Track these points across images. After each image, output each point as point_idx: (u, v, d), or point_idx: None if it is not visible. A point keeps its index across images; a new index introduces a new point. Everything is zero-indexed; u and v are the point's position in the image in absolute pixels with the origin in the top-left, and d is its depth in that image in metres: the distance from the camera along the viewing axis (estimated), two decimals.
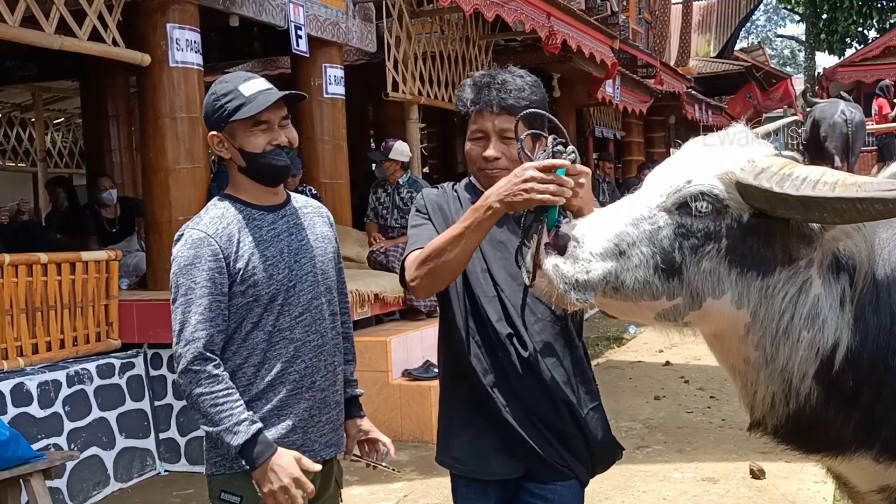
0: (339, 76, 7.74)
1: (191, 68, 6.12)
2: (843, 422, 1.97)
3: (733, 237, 1.90)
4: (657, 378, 7.74)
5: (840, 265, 1.94)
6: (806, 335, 1.91)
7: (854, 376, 1.93)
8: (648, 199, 1.95)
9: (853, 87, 16.26)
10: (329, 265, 2.59)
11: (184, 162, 6.08)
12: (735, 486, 4.92)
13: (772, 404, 2.00)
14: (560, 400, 2.34)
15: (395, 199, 7.40)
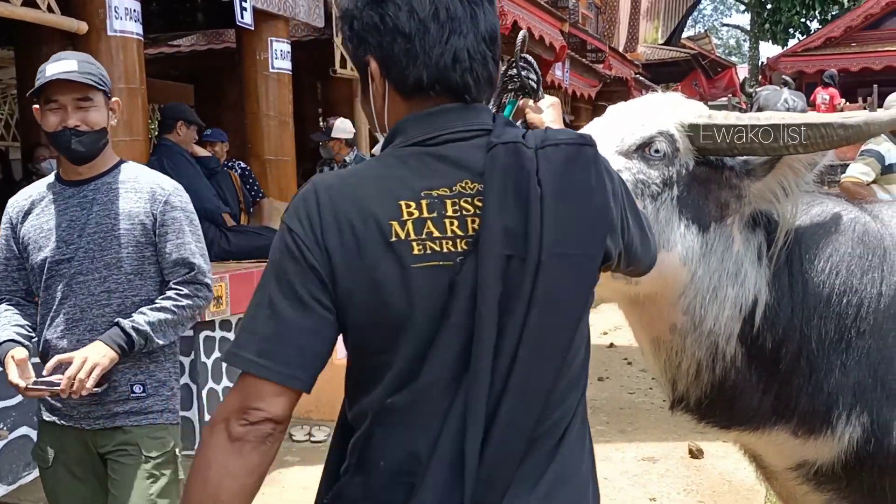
0: (286, 51, 7.59)
1: (130, 38, 5.93)
2: (765, 390, 1.98)
3: (682, 186, 1.91)
4: (601, 360, 7.81)
5: (756, 220, 1.96)
6: (731, 292, 1.92)
7: (772, 337, 1.95)
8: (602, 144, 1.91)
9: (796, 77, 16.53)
10: (114, 241, 2.56)
11: (122, 134, 5.88)
12: (674, 466, 4.98)
13: (697, 373, 1.99)
14: None
15: None
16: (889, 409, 1.91)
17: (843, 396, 1.94)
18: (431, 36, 1.38)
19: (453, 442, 1.32)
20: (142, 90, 6.03)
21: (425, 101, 1.42)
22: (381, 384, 1.37)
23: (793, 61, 19.36)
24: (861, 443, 1.93)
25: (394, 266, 1.32)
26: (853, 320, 1.95)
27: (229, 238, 6.08)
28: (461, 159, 1.37)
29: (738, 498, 4.49)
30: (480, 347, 1.31)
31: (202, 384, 5.40)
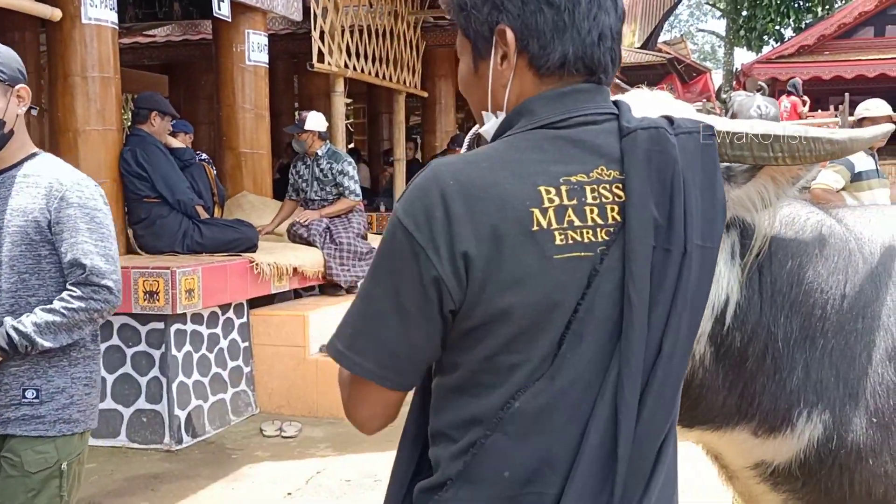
0: (263, 43, 7.53)
1: (105, 26, 5.86)
2: (730, 389, 1.99)
3: None
4: None
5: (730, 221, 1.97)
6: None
7: (741, 336, 1.95)
8: None
9: (769, 84, 16.68)
10: (6, 239, 2.46)
11: (94, 123, 5.83)
12: None
13: None
14: None
15: (314, 170, 7.19)
16: (851, 406, 1.94)
17: (805, 395, 1.96)
18: (582, 9, 1.28)
19: (599, 447, 1.23)
20: (116, 79, 5.96)
21: (558, 80, 1.32)
22: (504, 387, 1.24)
23: (766, 68, 19.55)
24: (822, 441, 1.94)
25: (536, 257, 1.21)
26: (818, 319, 1.97)
27: (202, 231, 6.02)
28: (597, 145, 1.28)
29: (701, 501, 4.51)
30: (630, 345, 1.23)
31: (172, 377, 5.34)
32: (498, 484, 1.24)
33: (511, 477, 1.24)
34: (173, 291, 5.19)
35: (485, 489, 1.25)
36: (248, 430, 5.71)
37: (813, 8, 25.72)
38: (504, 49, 1.31)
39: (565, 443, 1.23)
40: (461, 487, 1.27)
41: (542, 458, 1.23)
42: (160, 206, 5.95)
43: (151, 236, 5.98)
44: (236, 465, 5.02)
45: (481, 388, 1.26)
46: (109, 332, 5.38)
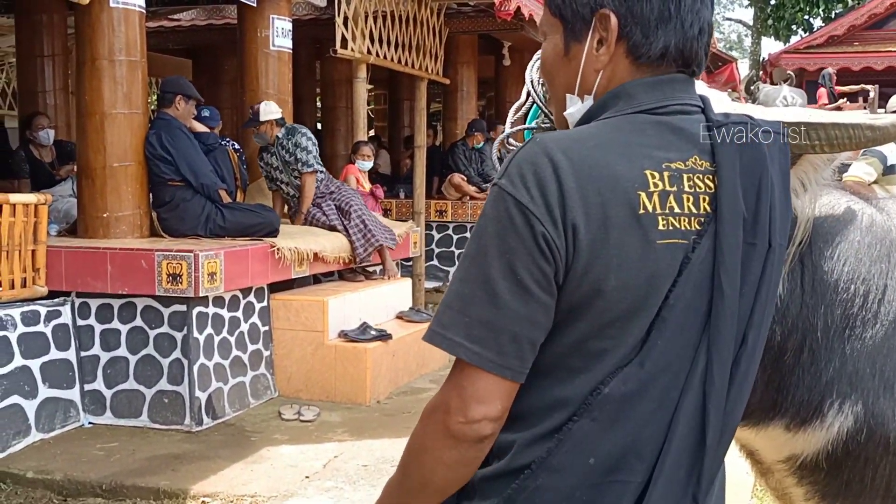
0: (287, 29, 7.55)
1: (132, 9, 5.90)
2: (768, 383, 1.97)
3: None
4: None
5: None
6: None
7: (781, 331, 1.93)
8: None
9: (797, 74, 16.52)
10: None
11: (121, 106, 5.88)
12: None
13: None
14: None
15: (280, 155, 7.08)
16: (886, 398, 1.91)
17: (838, 386, 1.93)
18: (687, 4, 1.29)
19: (687, 436, 1.22)
20: (142, 63, 6.01)
21: (657, 69, 1.31)
22: (593, 371, 1.23)
23: (794, 58, 19.31)
24: (852, 433, 1.92)
25: (640, 241, 1.21)
26: (859, 309, 1.94)
27: (225, 215, 6.07)
28: (693, 134, 1.29)
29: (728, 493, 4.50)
30: (723, 332, 1.23)
31: (193, 359, 5.40)
32: (582, 471, 1.22)
33: (596, 464, 1.22)
34: (196, 274, 5.25)
35: (569, 477, 1.22)
36: (266, 413, 5.77)
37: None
38: (602, 34, 1.30)
39: (653, 431, 1.22)
40: (543, 474, 1.23)
41: (628, 446, 1.22)
42: (184, 189, 6.00)
43: (175, 219, 6.04)
44: (255, 448, 5.08)
45: (569, 372, 1.24)
46: (133, 313, 5.45)
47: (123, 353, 5.48)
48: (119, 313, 5.48)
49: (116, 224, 5.86)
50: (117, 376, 5.48)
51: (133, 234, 5.91)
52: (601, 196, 1.19)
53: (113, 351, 5.49)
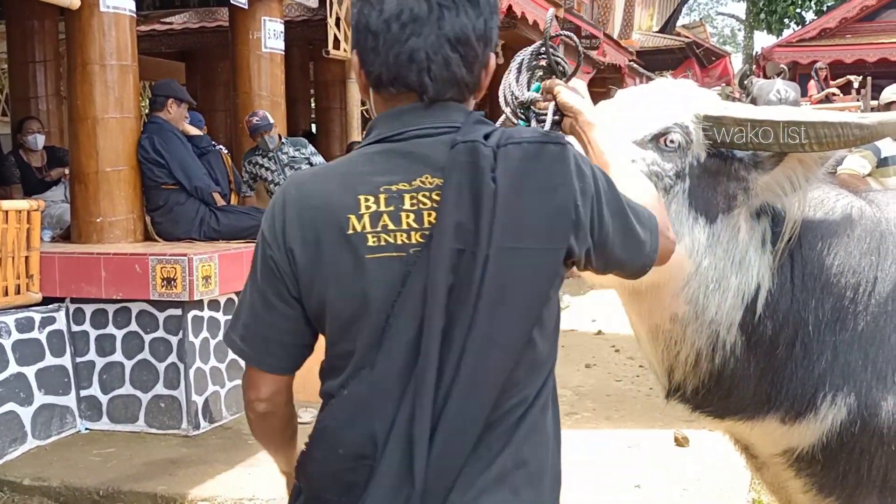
0: (279, 30, 7.54)
1: (122, 14, 5.89)
2: (761, 377, 1.98)
3: (693, 178, 1.90)
4: (589, 347, 7.82)
5: (762, 208, 1.96)
6: (734, 281, 1.92)
7: (772, 325, 1.95)
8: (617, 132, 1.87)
9: (790, 67, 16.53)
10: None
11: (112, 111, 5.87)
12: (660, 453, 5.00)
13: (696, 362, 1.99)
14: None
15: (279, 158, 7.12)
16: (878, 389, 1.92)
17: (831, 378, 1.94)
18: (392, 35, 1.41)
19: (406, 428, 1.37)
20: (134, 67, 5.99)
21: (396, 99, 1.46)
22: (343, 370, 1.45)
23: (787, 51, 19.36)
24: (846, 424, 1.93)
25: (350, 257, 1.39)
26: (849, 302, 1.95)
27: (219, 218, 6.06)
28: (426, 155, 1.42)
29: (723, 486, 4.51)
30: (429, 337, 1.36)
31: (189, 363, 5.39)
32: (334, 459, 1.44)
33: (345, 453, 1.42)
34: (190, 278, 5.23)
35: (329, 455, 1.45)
36: None
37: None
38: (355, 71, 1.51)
39: (384, 423, 1.39)
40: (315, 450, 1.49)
41: (367, 435, 1.40)
42: (177, 192, 5.99)
43: (169, 223, 6.03)
44: (253, 451, 5.06)
45: (334, 369, 1.48)
46: (128, 318, 5.44)
47: (119, 358, 5.47)
48: (114, 318, 5.46)
49: (110, 229, 5.85)
50: (113, 382, 5.46)
51: (127, 238, 5.90)
52: (314, 222, 1.41)
53: (108, 356, 5.47)
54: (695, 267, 1.91)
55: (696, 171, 1.90)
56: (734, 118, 1.86)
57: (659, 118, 1.90)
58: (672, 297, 1.95)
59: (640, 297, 2.01)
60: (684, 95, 1.97)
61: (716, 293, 1.92)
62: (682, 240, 1.88)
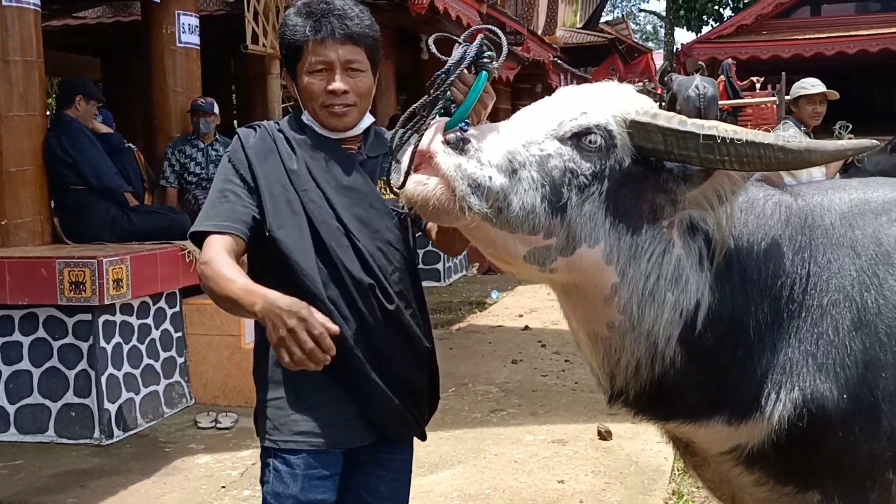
0: (194, 24, 7.34)
1: (26, 8, 5.65)
2: (703, 385, 1.98)
3: (613, 181, 1.86)
4: (516, 342, 7.84)
5: (695, 226, 1.94)
6: (671, 297, 1.90)
7: (714, 336, 1.95)
8: (540, 124, 1.87)
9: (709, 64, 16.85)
10: None
11: (17, 109, 5.63)
12: (583, 448, 5.02)
13: (636, 370, 1.97)
14: (423, 351, 2.27)
15: (209, 154, 7.00)
16: (821, 382, 1.93)
17: (773, 377, 1.95)
18: None
19: None
20: (39, 63, 5.75)
21: None
22: None
23: (706, 48, 19.75)
24: (793, 419, 1.94)
25: None
26: (786, 301, 1.96)
27: (131, 218, 5.87)
28: None
29: (645, 479, 4.54)
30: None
31: (101, 370, 5.20)
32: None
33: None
34: (100, 282, 5.04)
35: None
36: (182, 423, 5.59)
37: None
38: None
39: None
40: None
41: None
42: (87, 193, 5.77)
43: (79, 224, 5.81)
44: (169, 459, 4.91)
45: None
46: (35, 324, 5.21)
47: (26, 366, 5.24)
48: (20, 325, 5.23)
49: (16, 231, 5.61)
50: (20, 391, 5.24)
51: (34, 241, 5.66)
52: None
53: (15, 364, 5.24)
54: (619, 275, 1.89)
55: (618, 176, 1.87)
56: (658, 126, 1.83)
57: (582, 116, 1.87)
58: (602, 303, 1.92)
59: (570, 297, 1.99)
60: (615, 98, 1.93)
61: (650, 306, 1.91)
62: (597, 244, 1.86)
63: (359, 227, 2.19)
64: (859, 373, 1.93)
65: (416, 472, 2.47)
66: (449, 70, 1.85)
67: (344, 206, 2.20)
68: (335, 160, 2.23)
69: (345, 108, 2.19)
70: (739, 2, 25.69)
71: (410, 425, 2.31)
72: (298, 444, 2.17)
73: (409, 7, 8.73)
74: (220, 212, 2.15)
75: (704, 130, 1.80)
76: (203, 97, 7.15)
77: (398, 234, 2.24)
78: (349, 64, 2.17)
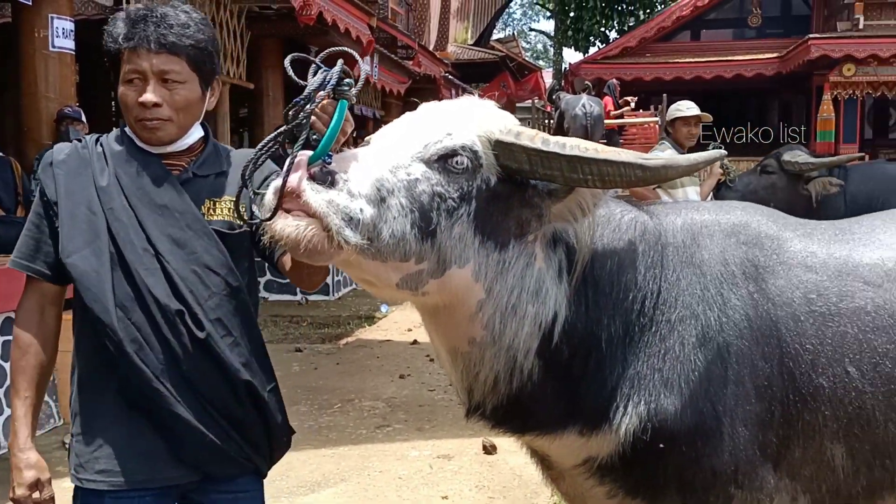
0: (69, 29, 7.03)
1: None
2: (559, 397, 2.00)
3: (480, 201, 1.85)
4: (404, 356, 7.80)
5: (556, 237, 1.96)
6: (531, 309, 1.91)
7: (569, 348, 1.97)
8: (404, 148, 1.82)
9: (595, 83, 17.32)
10: None
11: None
12: (468, 462, 5.01)
13: (494, 384, 1.97)
14: (241, 384, 2.09)
15: None
16: (665, 395, 1.97)
17: (622, 389, 1.98)
18: None
19: None
20: None
21: None
22: None
23: (593, 68, 20.28)
24: (638, 432, 1.97)
25: None
26: (637, 315, 2.00)
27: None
28: None
29: (528, 492, 4.56)
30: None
31: None
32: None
33: None
34: None
35: None
36: (49, 444, 5.28)
37: (635, 11, 26.98)
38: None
39: None
40: None
41: None
42: None
43: None
44: None
45: None
46: None
47: None
48: None
49: None
50: None
51: None
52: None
53: None
54: (486, 292, 1.89)
55: (485, 195, 1.86)
56: (523, 147, 1.84)
57: (448, 138, 1.84)
58: (468, 320, 1.92)
59: (437, 317, 1.97)
60: (479, 117, 1.92)
61: (512, 320, 1.91)
62: (466, 264, 1.84)
63: (171, 249, 2.06)
64: (703, 388, 1.97)
65: (297, 492, 2.39)
66: (310, 97, 1.76)
67: (156, 226, 2.06)
68: (150, 177, 2.09)
69: (158, 121, 2.05)
70: (624, 25, 26.55)
71: (236, 463, 2.13)
72: (98, 483, 2.04)
73: (298, 18, 8.61)
74: (25, 250, 2.12)
75: (567, 151, 1.81)
76: (70, 105, 6.85)
77: (220, 256, 2.09)
78: (164, 75, 2.03)
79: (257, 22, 9.89)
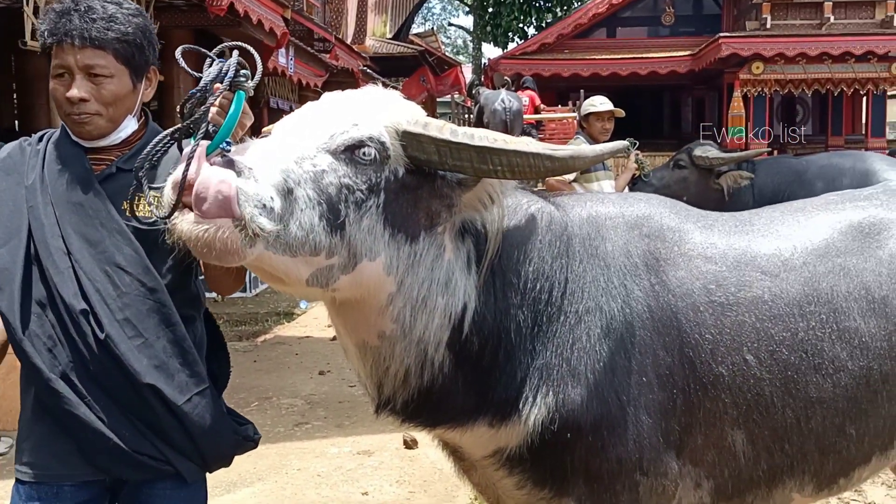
0: None
1: None
2: (469, 389, 2.00)
3: (389, 193, 1.84)
4: (324, 353, 7.73)
5: (465, 228, 1.96)
6: (441, 301, 1.92)
7: (479, 340, 1.98)
8: (309, 138, 1.79)
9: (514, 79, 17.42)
10: None
11: None
12: (389, 458, 5.00)
13: (405, 378, 1.97)
14: (145, 387, 2.03)
15: None
16: (572, 385, 1.99)
17: (531, 380, 2.00)
18: None
19: None
20: None
21: None
22: None
23: (512, 63, 20.38)
24: (546, 423, 1.99)
25: None
26: (545, 305, 2.02)
27: None
28: None
29: (449, 486, 4.57)
30: None
31: None
32: None
33: None
34: None
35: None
36: None
37: (552, 8, 27.27)
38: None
39: None
40: None
41: None
42: None
43: None
44: None
45: None
46: None
47: None
48: None
49: None
50: None
51: None
52: None
53: None
54: (396, 285, 1.88)
55: (394, 187, 1.85)
56: (431, 137, 1.83)
57: (354, 128, 1.82)
58: (377, 314, 1.90)
59: (345, 311, 1.95)
60: (385, 107, 1.90)
61: (423, 313, 1.91)
62: (377, 257, 1.83)
63: (82, 248, 2.02)
64: (608, 378, 2.01)
65: (213, 493, 2.34)
66: (206, 89, 1.74)
67: (71, 225, 2.03)
68: (70, 175, 2.06)
69: (86, 115, 2.03)
70: (542, 21, 26.81)
71: (149, 468, 2.07)
72: (21, 473, 2.10)
73: (208, 8, 8.42)
74: None
75: (476, 141, 1.82)
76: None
77: (133, 255, 2.05)
78: (90, 69, 2.01)
79: (166, 12, 9.63)
